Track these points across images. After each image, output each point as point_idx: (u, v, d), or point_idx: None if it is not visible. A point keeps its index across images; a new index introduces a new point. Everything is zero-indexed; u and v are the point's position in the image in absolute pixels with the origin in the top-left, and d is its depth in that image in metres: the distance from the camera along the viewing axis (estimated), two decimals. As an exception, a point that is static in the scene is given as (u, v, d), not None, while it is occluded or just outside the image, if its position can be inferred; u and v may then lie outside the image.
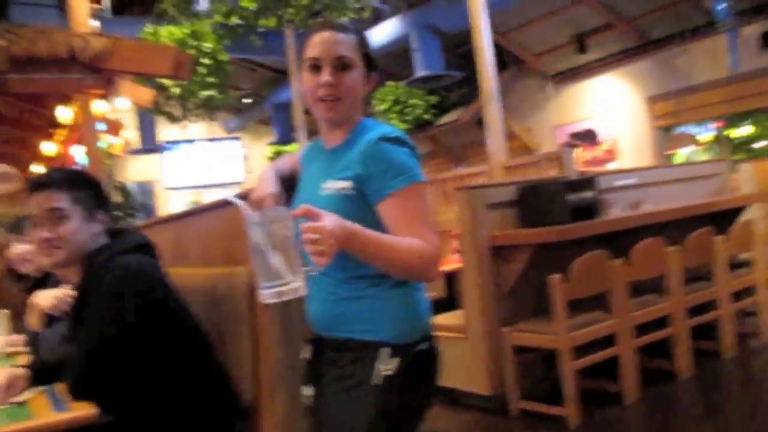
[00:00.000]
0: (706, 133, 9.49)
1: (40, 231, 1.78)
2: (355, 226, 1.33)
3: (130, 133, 11.09)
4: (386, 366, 1.44)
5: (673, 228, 4.13)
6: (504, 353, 3.55)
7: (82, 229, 1.81)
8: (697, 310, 3.99)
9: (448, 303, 4.61)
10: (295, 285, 1.27)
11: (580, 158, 10.57)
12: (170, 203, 13.95)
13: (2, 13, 8.08)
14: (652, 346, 3.72)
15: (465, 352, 3.66)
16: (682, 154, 8.60)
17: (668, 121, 9.75)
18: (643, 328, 3.65)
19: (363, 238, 1.34)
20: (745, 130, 9.27)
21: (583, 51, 10.23)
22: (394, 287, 1.49)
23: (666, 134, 9.83)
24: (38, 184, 1.81)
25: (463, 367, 3.67)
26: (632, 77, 10.00)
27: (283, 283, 1.26)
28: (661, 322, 3.75)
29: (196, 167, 13.58)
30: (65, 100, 6.68)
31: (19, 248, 2.68)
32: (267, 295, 1.27)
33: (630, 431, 3.34)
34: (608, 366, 3.50)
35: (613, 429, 3.33)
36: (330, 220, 1.26)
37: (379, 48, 9.97)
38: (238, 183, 14.07)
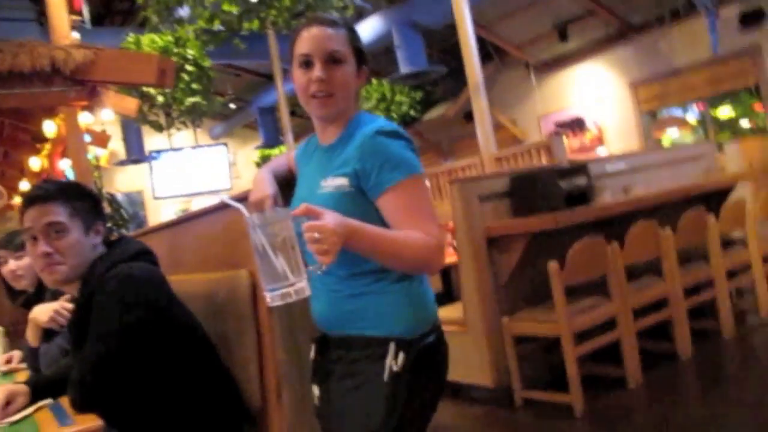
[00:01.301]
0: (691, 115, 9.55)
1: (39, 246, 1.74)
2: (356, 223, 1.32)
3: (116, 144, 11.05)
4: (394, 361, 1.43)
5: (665, 211, 4.14)
6: (505, 344, 3.55)
7: (81, 242, 1.77)
8: (693, 290, 4.01)
9: (445, 297, 4.62)
10: (300, 286, 1.26)
11: (568, 147, 10.60)
12: (160, 213, 13.89)
13: (-20, 30, 8.01)
14: (652, 328, 3.74)
15: (466, 345, 3.66)
16: (668, 136, 8.64)
17: (653, 105, 9.80)
18: (641, 312, 3.66)
19: (364, 234, 1.33)
20: (728, 111, 9.34)
21: (565, 39, 10.25)
22: (398, 281, 1.48)
23: (651, 118, 9.88)
24: (34, 198, 1.76)
25: (464, 360, 3.67)
26: (615, 63, 10.04)
27: (288, 284, 1.25)
28: (659, 305, 3.76)
29: (183, 175, 13.51)
30: (50, 113, 6.62)
31: (13, 264, 2.65)
32: (272, 297, 1.27)
33: (635, 414, 3.34)
34: (610, 351, 3.51)
35: (618, 413, 3.33)
36: (331, 218, 1.25)
37: (361, 46, 9.94)
38: (226, 189, 14.01)
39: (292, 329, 1.91)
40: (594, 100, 10.39)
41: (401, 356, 1.43)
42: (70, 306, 2.18)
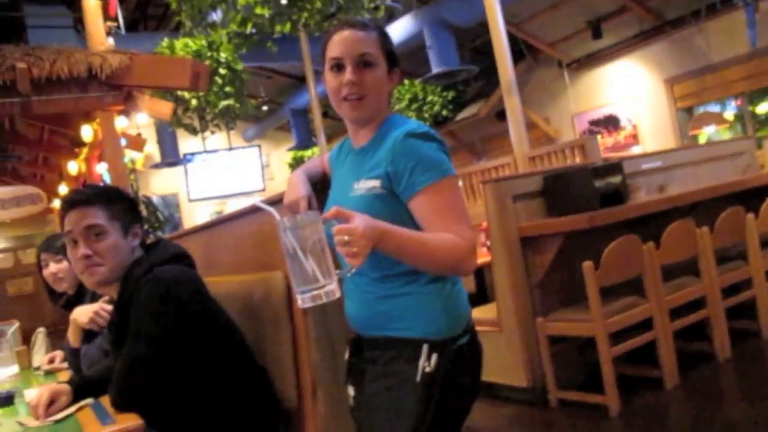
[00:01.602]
0: (729, 112, 9.37)
1: (79, 249, 1.78)
2: (387, 225, 1.32)
3: (151, 147, 11.21)
4: (427, 363, 1.43)
5: (702, 209, 4.08)
6: (539, 344, 3.53)
7: (120, 245, 1.81)
8: (731, 290, 3.93)
9: (479, 297, 4.60)
10: (330, 288, 1.27)
11: (602, 145, 10.48)
12: (195, 215, 14.05)
13: (20, 37, 8.19)
14: (689, 329, 3.67)
15: (500, 345, 3.65)
16: (705, 133, 8.48)
17: (689, 101, 9.63)
18: (678, 312, 3.61)
19: (395, 237, 1.34)
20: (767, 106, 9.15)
21: (599, 36, 10.12)
22: (430, 283, 1.48)
23: (688, 115, 9.71)
24: (73, 202, 1.80)
25: (498, 361, 3.65)
26: (650, 60, 9.89)
27: (318, 286, 1.26)
28: (696, 305, 3.71)
29: (217, 178, 13.66)
30: (87, 118, 6.75)
31: (54, 267, 2.71)
32: (303, 300, 1.29)
33: (672, 416, 3.30)
34: (646, 351, 3.46)
35: (655, 414, 3.29)
36: (361, 221, 1.26)
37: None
38: (260, 191, 14.13)
39: (327, 330, 1.92)
40: (628, 98, 10.25)
41: (434, 357, 1.44)
42: (109, 307, 2.22)
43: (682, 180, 4.63)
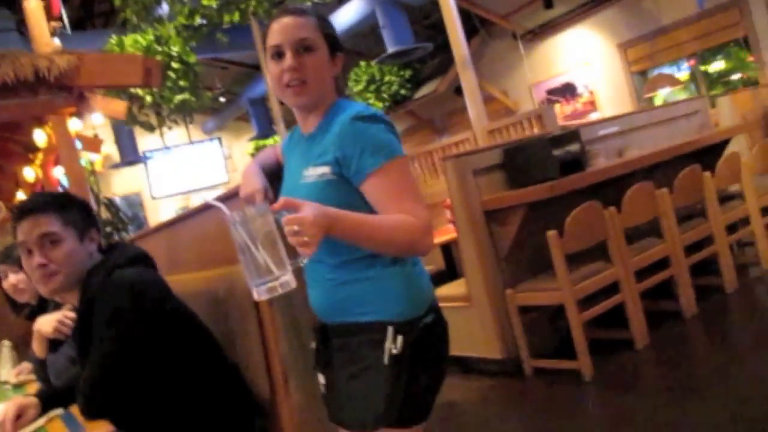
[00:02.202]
0: (682, 73, 9.50)
1: (34, 258, 1.73)
2: (337, 211, 1.31)
3: (110, 147, 11.02)
4: (393, 345, 1.44)
5: (660, 171, 4.15)
6: (510, 315, 3.57)
7: (77, 251, 1.77)
8: (694, 248, 4.01)
9: (448, 274, 4.63)
10: (285, 279, 1.27)
11: (561, 113, 10.56)
12: (159, 212, 13.89)
13: (-38, 44, 7.96)
14: (655, 289, 3.75)
15: (472, 320, 3.68)
16: (660, 96, 8.60)
17: (643, 65, 9.75)
18: (643, 273, 3.67)
19: (346, 222, 1.33)
20: (719, 65, 9.29)
21: (551, 6, 10.18)
22: (390, 265, 1.48)
23: (642, 78, 9.83)
24: (25, 210, 1.76)
25: (471, 335, 3.69)
26: (602, 26, 9.98)
27: (273, 278, 1.26)
28: (660, 265, 3.77)
29: (180, 173, 13.51)
30: (39, 122, 6.60)
31: (13, 278, 2.66)
32: (258, 292, 1.28)
33: (645, 375, 3.37)
34: (614, 314, 3.52)
35: (628, 375, 3.36)
36: (310, 209, 1.25)
37: (346, 28, 9.89)
38: (224, 183, 14.01)
39: (294, 319, 1.92)
40: (584, 65, 10.34)
41: (400, 339, 1.44)
42: (73, 315, 2.19)
43: (640, 143, 4.69)
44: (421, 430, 1.53)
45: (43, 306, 2.58)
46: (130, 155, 12.02)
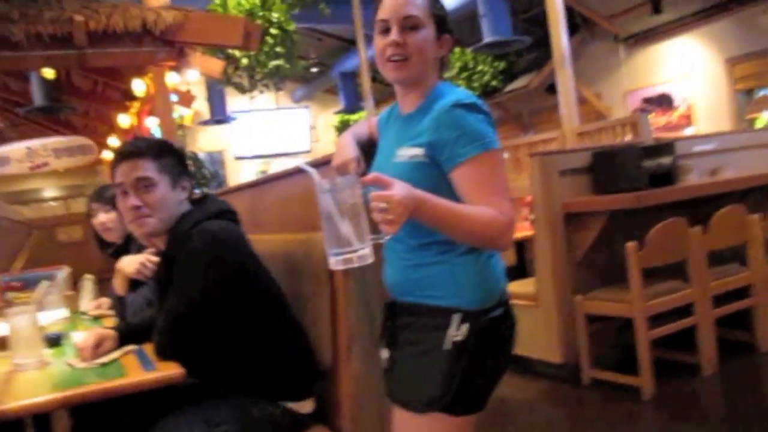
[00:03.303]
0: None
1: (129, 199, 1.82)
2: (425, 195, 1.32)
3: (200, 104, 11.32)
4: (457, 332, 1.44)
5: (755, 196, 3.98)
6: (576, 321, 3.51)
7: (169, 197, 1.85)
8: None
9: (518, 271, 4.59)
10: (363, 252, 1.28)
11: (654, 124, 10.23)
12: (239, 173, 14.20)
13: (78, -11, 8.30)
14: (731, 317, 3.61)
15: (536, 320, 3.64)
16: (763, 118, 8.21)
17: (749, 83, 9.30)
18: (721, 299, 3.55)
19: (433, 207, 1.33)
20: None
21: (659, 11, 9.82)
22: (466, 253, 1.48)
23: (747, 97, 9.40)
24: (125, 154, 1.85)
25: (534, 335, 3.65)
26: (711, 38, 9.56)
27: (351, 250, 1.28)
28: (741, 293, 3.63)
29: (264, 137, 13.75)
30: (139, 72, 6.85)
31: (103, 217, 2.77)
32: (335, 262, 1.30)
33: (707, 402, 3.27)
34: (684, 337, 3.42)
35: (689, 400, 3.26)
36: (399, 189, 1.26)
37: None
38: (305, 152, 14.19)
39: (365, 293, 1.95)
40: (685, 77, 9.97)
41: (464, 327, 1.44)
42: (155, 259, 2.28)
43: (736, 164, 4.51)
44: (472, 422, 1.53)
45: (127, 246, 2.68)
46: (218, 114, 12.30)
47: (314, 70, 13.93)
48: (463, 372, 1.44)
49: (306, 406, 1.90)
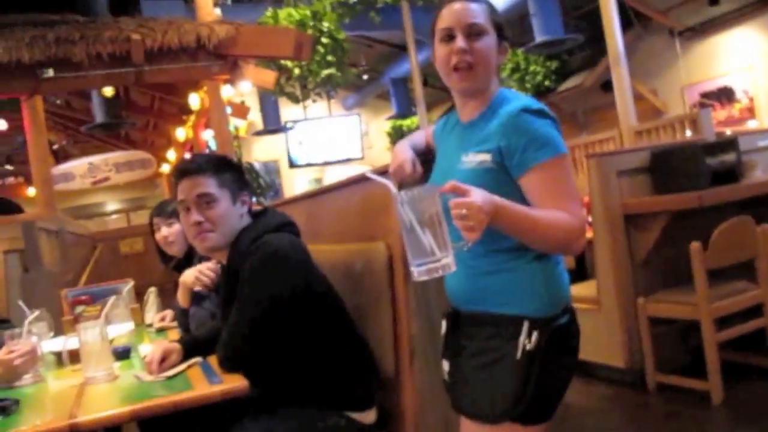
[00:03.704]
0: None
1: (191, 216, 1.86)
2: (502, 201, 1.32)
3: (254, 115, 11.49)
4: (528, 340, 1.44)
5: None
6: (640, 325, 3.44)
7: (230, 212, 1.89)
8: None
9: (577, 274, 4.51)
10: (446, 261, 1.28)
11: (714, 119, 9.93)
12: (294, 181, 14.35)
13: (134, 9, 8.55)
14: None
15: (598, 324, 3.58)
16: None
17: (814, 73, 8.98)
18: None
19: (510, 213, 1.34)
20: None
21: (716, 3, 9.55)
22: (534, 260, 1.48)
23: (813, 88, 9.06)
24: (185, 171, 1.89)
25: (596, 339, 3.58)
26: (771, 28, 9.26)
27: (435, 259, 1.28)
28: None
29: (317, 145, 13.86)
30: (194, 86, 7.01)
31: (165, 231, 2.83)
32: (419, 272, 1.30)
33: (781, 407, 3.15)
34: (753, 339, 3.31)
35: (761, 404, 3.15)
36: (478, 196, 1.27)
37: (496, 14, 9.74)
38: (358, 159, 14.26)
39: (427, 303, 1.94)
40: (745, 69, 9.65)
41: (535, 335, 1.44)
42: (214, 266, 2.33)
43: (804, 159, 4.35)
44: (543, 430, 1.51)
45: (189, 259, 2.74)
46: (272, 124, 12.47)
47: (365, 77, 13.99)
48: (536, 381, 1.44)
49: (369, 417, 1.90)
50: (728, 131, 5.98)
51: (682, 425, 3.08)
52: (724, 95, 10.07)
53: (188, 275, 2.47)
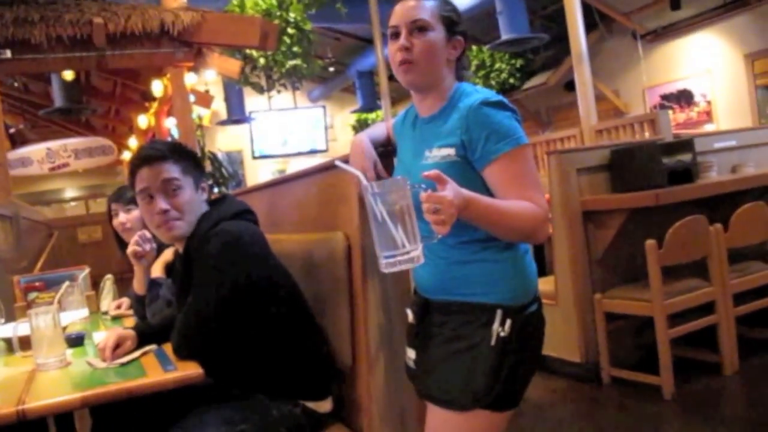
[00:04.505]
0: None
1: (156, 204, 1.81)
2: (471, 194, 1.34)
3: (218, 104, 11.37)
4: (501, 328, 1.46)
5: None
6: (596, 320, 3.50)
7: (194, 199, 1.86)
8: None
9: (537, 269, 4.56)
10: (415, 254, 1.28)
11: (673, 121, 10.13)
12: (257, 172, 14.25)
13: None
14: (752, 315, 3.57)
15: (555, 319, 3.63)
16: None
17: (770, 79, 9.20)
18: (742, 297, 3.51)
19: (478, 205, 1.35)
20: None
21: (677, 7, 9.73)
22: (504, 250, 1.51)
23: None
24: (147, 158, 1.84)
25: (553, 334, 3.60)
26: (730, 33, 9.46)
27: (404, 252, 1.27)
28: (762, 291, 3.59)
29: (281, 136, 13.79)
30: (158, 73, 6.90)
31: (123, 217, 2.79)
32: (387, 264, 1.29)
33: (728, 402, 3.24)
34: (704, 335, 3.39)
35: (711, 400, 3.23)
36: (450, 190, 1.27)
37: (462, 11, 9.75)
38: (322, 151, 14.22)
39: (385, 293, 1.94)
40: (704, 73, 9.86)
41: (508, 323, 1.47)
42: (146, 234, 2.29)
43: (757, 161, 4.45)
44: (508, 417, 1.54)
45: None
46: (236, 114, 12.36)
47: (331, 69, 13.94)
48: (508, 367, 1.47)
49: (325, 406, 1.90)
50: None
51: (634, 419, 3.14)
52: (684, 98, 10.28)
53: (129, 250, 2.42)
